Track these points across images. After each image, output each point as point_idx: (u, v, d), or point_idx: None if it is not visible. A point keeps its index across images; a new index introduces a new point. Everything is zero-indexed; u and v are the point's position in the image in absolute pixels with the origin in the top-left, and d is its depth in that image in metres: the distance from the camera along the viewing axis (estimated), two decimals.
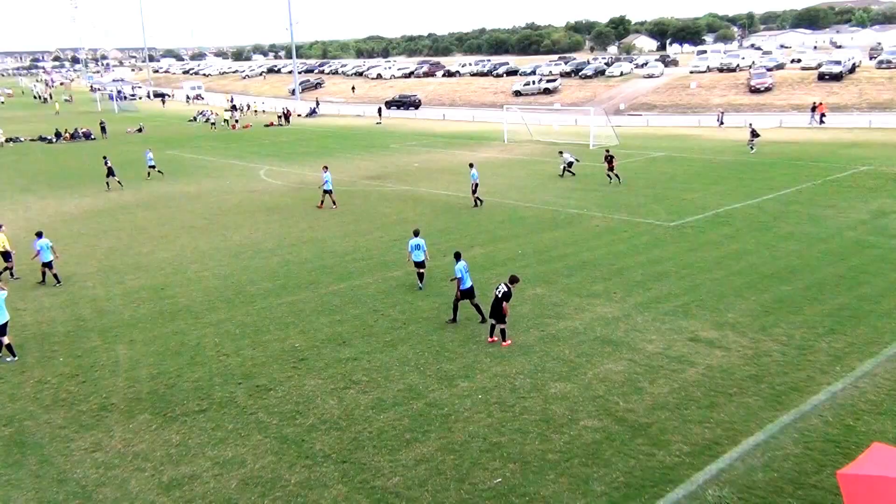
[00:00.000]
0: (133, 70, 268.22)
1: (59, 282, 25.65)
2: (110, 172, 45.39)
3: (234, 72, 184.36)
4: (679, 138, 61.45)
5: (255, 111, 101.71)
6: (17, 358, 19.11)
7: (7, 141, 74.19)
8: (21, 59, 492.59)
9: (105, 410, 16.15)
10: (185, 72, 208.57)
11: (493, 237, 30.06)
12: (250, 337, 20.14)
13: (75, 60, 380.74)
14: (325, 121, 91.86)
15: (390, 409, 15.68)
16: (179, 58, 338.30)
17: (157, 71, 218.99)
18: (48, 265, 25.54)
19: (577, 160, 44.70)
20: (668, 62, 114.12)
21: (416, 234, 23.66)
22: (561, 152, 45.37)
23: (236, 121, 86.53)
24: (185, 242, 31.03)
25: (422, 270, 23.59)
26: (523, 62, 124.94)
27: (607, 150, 42.91)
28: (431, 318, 20.96)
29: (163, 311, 22.46)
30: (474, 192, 35.41)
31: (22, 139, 76.41)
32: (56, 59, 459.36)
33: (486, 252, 27.83)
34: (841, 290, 22.16)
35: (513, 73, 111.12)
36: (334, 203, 36.81)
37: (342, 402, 16.14)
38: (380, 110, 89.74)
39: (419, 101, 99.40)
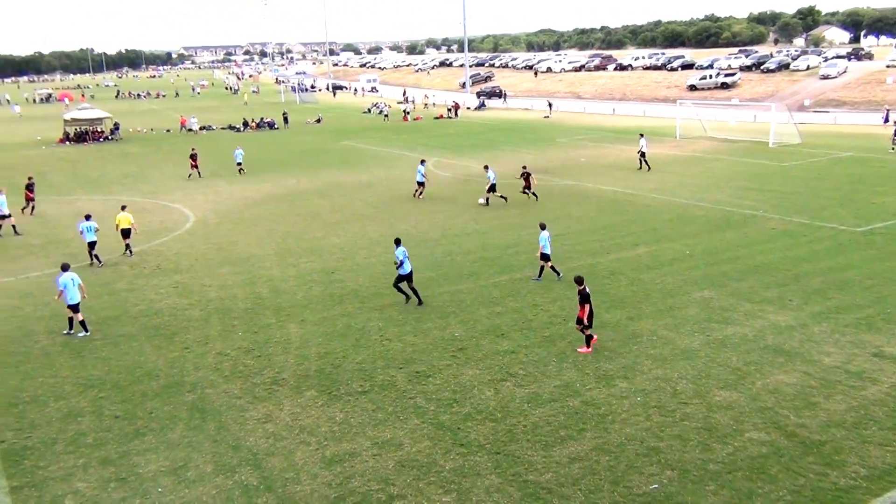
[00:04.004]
0: (314, 63, 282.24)
1: (99, 263, 27.50)
2: (194, 161, 48.25)
3: (407, 65, 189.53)
4: (870, 137, 56.90)
5: (426, 104, 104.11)
6: (89, 333, 20.50)
7: (201, 129, 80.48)
8: (216, 52, 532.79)
9: (277, 384, 17.17)
10: (362, 65, 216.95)
11: (658, 236, 29.17)
12: (412, 324, 20.71)
13: (263, 54, 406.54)
14: (493, 114, 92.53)
15: (546, 405, 15.64)
16: (357, 52, 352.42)
17: (336, 64, 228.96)
18: (91, 245, 27.36)
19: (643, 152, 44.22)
20: (861, 56, 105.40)
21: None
22: (641, 135, 45.36)
23: (407, 113, 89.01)
24: (355, 229, 32.33)
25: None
26: (700, 55, 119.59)
27: (524, 167, 37.21)
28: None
29: (332, 294, 23.54)
30: (489, 190, 35.90)
31: (213, 128, 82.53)
32: (246, 52, 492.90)
33: (651, 251, 27.05)
34: None
35: (688, 66, 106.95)
36: (418, 195, 38.66)
37: (498, 393, 16.27)
38: (550, 104, 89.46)
39: (502, 91, 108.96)
